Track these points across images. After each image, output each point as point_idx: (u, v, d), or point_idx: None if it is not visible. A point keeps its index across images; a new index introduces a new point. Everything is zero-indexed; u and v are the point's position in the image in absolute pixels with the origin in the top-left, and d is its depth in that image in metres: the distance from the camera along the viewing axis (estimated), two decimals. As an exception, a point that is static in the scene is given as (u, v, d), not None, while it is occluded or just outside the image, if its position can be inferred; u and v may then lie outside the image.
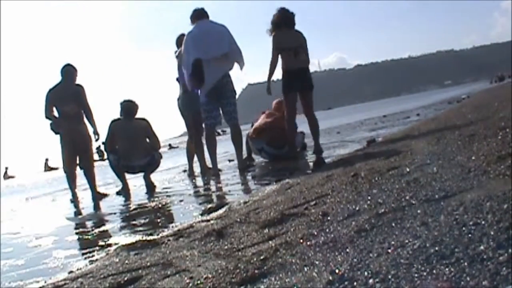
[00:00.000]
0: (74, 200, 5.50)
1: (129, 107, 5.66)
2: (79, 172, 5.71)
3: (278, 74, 5.36)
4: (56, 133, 5.51)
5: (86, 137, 5.57)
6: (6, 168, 28.47)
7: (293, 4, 5.13)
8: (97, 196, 5.47)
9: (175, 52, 5.84)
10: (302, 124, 5.50)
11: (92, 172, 5.64)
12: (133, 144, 5.52)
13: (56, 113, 5.49)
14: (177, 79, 5.82)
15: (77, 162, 5.63)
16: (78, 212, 4.68)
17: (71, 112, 5.44)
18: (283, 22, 5.03)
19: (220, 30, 5.18)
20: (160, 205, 3.82)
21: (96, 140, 5.63)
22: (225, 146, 8.80)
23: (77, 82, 5.66)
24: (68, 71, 5.58)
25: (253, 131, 5.91)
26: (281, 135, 5.61)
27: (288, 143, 5.34)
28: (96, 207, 4.83)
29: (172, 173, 6.87)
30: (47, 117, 5.49)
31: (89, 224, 3.66)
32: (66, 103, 5.44)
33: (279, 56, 4.99)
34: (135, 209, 4.00)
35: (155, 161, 5.70)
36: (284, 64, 5.00)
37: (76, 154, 5.57)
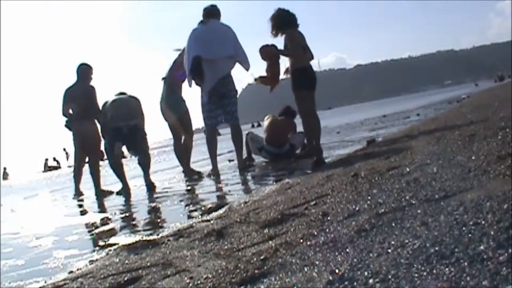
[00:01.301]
0: (77, 195, 5.65)
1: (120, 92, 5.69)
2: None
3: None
4: (70, 129, 5.77)
5: (94, 135, 5.73)
6: (5, 168, 28.58)
7: (293, 4, 5.15)
8: (101, 194, 5.51)
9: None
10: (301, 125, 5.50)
11: (97, 169, 5.73)
12: (122, 110, 5.35)
13: (71, 111, 5.74)
14: (163, 78, 5.81)
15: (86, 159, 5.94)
16: (83, 212, 4.68)
17: (81, 111, 5.64)
18: (291, 22, 4.96)
19: (225, 31, 5.17)
20: (160, 205, 3.82)
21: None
22: (222, 147, 8.80)
23: (92, 82, 5.90)
24: (83, 70, 5.85)
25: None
26: (281, 134, 5.60)
27: (307, 140, 5.24)
28: (100, 205, 4.86)
29: (172, 173, 6.87)
30: (63, 115, 5.74)
31: (89, 224, 3.66)
32: (78, 102, 5.66)
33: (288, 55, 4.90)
34: (135, 209, 4.00)
35: (140, 128, 5.45)
36: (299, 61, 4.91)
37: (85, 151, 5.80)
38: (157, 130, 5.87)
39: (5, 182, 23.95)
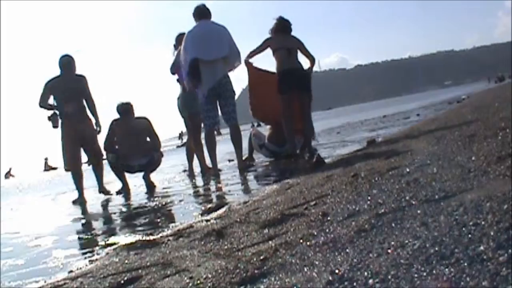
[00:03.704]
0: (81, 200, 5.26)
1: (125, 108, 5.67)
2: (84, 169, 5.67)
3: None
4: (55, 127, 5.27)
5: (91, 132, 5.42)
6: (10, 169, 28.60)
7: (294, 4, 5.27)
8: (104, 192, 5.47)
9: (174, 50, 5.84)
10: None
11: (101, 167, 5.52)
12: (132, 143, 5.52)
13: (51, 101, 5.28)
14: (177, 80, 5.84)
15: (82, 159, 5.58)
16: (84, 211, 4.63)
17: (72, 110, 5.27)
18: (280, 29, 5.45)
19: (221, 31, 5.19)
20: (160, 205, 3.82)
21: (98, 132, 5.46)
22: (225, 147, 8.80)
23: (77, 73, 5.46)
24: (67, 62, 5.36)
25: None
26: (283, 134, 5.63)
27: (288, 142, 5.39)
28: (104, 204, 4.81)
29: (172, 173, 6.87)
30: (41, 106, 5.22)
31: (89, 224, 3.66)
32: (68, 100, 5.24)
33: (274, 57, 5.32)
34: (135, 209, 4.00)
35: (155, 161, 5.70)
36: (278, 64, 5.26)
37: (80, 151, 5.41)
38: (160, 129, 5.84)
39: (9, 180, 23.99)
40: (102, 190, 5.52)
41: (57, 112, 5.30)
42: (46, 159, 29.02)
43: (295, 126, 5.40)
